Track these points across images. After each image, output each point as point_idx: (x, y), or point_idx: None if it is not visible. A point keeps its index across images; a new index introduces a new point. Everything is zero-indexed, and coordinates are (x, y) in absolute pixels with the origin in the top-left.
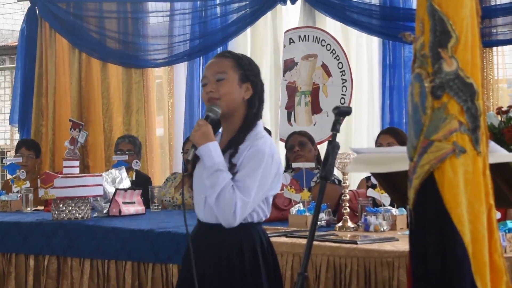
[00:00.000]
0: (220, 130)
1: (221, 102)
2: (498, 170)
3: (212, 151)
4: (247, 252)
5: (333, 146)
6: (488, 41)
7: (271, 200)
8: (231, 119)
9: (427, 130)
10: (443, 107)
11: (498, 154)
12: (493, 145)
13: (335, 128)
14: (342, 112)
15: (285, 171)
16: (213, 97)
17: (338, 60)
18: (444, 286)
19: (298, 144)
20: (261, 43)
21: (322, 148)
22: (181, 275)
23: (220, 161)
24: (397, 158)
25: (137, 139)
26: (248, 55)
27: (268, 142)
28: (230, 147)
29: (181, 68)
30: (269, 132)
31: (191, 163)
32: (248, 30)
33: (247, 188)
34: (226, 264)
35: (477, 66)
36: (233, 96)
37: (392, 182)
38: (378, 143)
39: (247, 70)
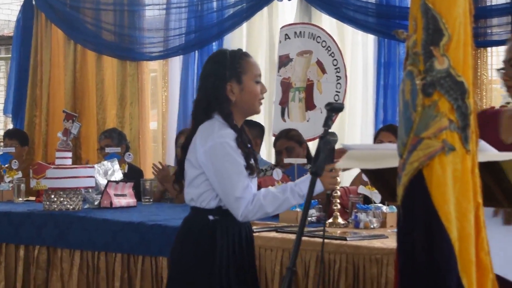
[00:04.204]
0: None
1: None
2: (487, 169)
3: None
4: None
5: (324, 142)
6: (483, 41)
7: None
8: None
9: (417, 128)
10: (434, 105)
11: (488, 153)
12: (483, 144)
13: (327, 124)
14: (334, 109)
15: (276, 166)
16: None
17: (333, 57)
18: (431, 283)
19: (285, 150)
20: (257, 38)
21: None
22: None
23: None
24: (387, 155)
25: (115, 130)
26: (244, 50)
27: None
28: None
29: (176, 62)
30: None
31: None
32: (244, 25)
33: None
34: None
35: (468, 65)
36: None
37: (382, 179)
38: (379, 140)
39: None
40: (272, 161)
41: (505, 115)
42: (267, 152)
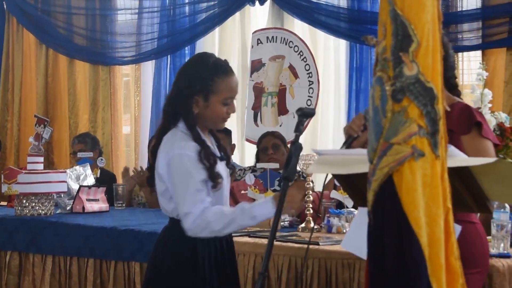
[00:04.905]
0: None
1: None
2: (457, 174)
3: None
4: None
5: (296, 147)
6: (454, 47)
7: None
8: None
9: (387, 133)
10: (403, 111)
11: (457, 158)
12: (452, 149)
13: (298, 129)
14: (305, 114)
15: (253, 170)
16: (228, 117)
17: (305, 62)
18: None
19: (272, 147)
20: (229, 43)
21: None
22: None
23: None
24: (358, 160)
25: (88, 135)
26: (216, 55)
27: None
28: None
29: (149, 67)
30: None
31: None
32: (216, 29)
33: None
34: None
35: (437, 71)
36: None
37: (354, 184)
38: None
39: None
40: (245, 165)
41: None
42: (240, 156)
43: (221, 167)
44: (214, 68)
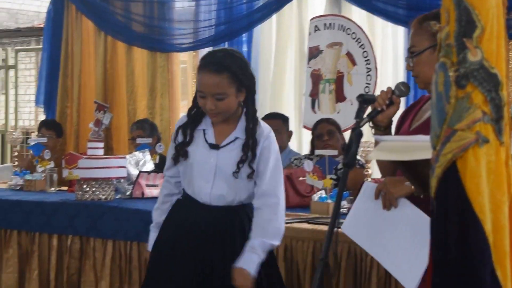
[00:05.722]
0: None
1: (220, 116)
2: None
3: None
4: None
5: (356, 134)
6: None
7: None
8: (226, 119)
9: (450, 119)
10: (467, 97)
11: None
12: None
13: (359, 116)
14: (366, 100)
15: (309, 158)
16: (213, 113)
17: (363, 49)
18: (464, 274)
19: (327, 133)
20: (286, 30)
21: (345, 137)
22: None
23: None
24: (419, 147)
25: (147, 121)
26: (273, 42)
27: (273, 136)
28: (246, 154)
29: None
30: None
31: (182, 147)
32: (274, 16)
33: (277, 196)
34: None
35: (501, 56)
36: (233, 106)
37: (414, 171)
38: None
39: (243, 79)
40: (303, 153)
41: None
42: (297, 143)
43: (197, 150)
44: (200, 62)
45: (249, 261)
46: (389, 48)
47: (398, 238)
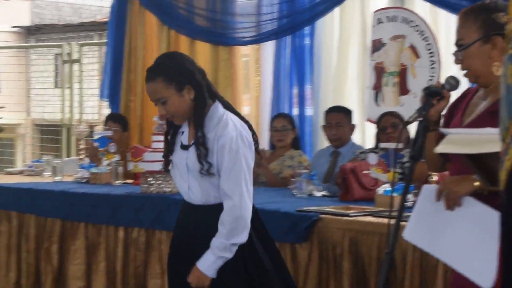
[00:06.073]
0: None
1: (178, 118)
2: None
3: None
4: None
5: (422, 127)
6: None
7: None
8: (189, 119)
9: None
10: None
11: None
12: None
13: (425, 109)
14: (432, 93)
15: (373, 151)
16: (168, 117)
17: (427, 41)
18: None
19: (391, 126)
20: (349, 23)
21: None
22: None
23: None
24: (488, 139)
25: None
26: (336, 35)
27: (231, 125)
28: (198, 149)
29: (269, 47)
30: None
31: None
32: (336, 10)
33: (231, 198)
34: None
35: None
36: (182, 105)
37: (483, 164)
38: None
39: (179, 78)
40: (366, 146)
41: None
42: (361, 137)
43: (176, 152)
44: None
45: (205, 261)
46: (453, 41)
47: (466, 237)
